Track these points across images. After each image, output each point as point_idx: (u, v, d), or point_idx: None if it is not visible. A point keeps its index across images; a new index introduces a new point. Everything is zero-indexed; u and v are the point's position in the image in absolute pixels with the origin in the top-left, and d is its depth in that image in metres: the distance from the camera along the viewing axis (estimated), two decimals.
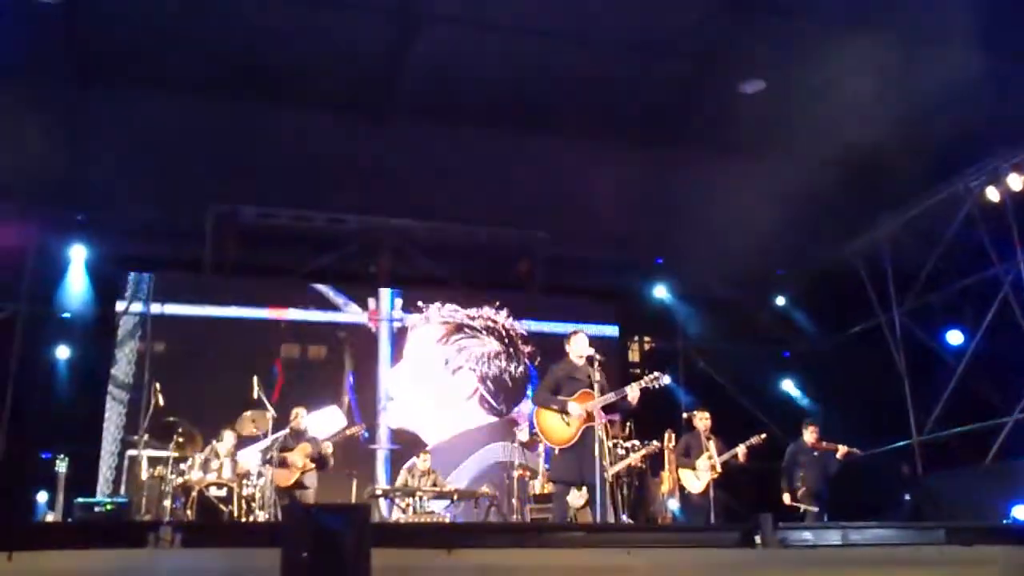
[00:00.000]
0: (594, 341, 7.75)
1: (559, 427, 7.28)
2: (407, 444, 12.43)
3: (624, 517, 9.26)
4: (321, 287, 13.13)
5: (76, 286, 12.44)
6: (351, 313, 13.12)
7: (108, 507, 8.98)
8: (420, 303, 13.31)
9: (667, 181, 12.18)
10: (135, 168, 11.17)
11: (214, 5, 9.66)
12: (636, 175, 12.27)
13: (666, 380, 7.50)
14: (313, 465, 9.56)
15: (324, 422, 11.74)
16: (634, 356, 14.99)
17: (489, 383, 13.26)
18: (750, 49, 10.49)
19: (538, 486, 10.22)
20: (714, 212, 11.79)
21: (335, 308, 13.08)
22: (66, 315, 12.60)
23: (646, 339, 15.19)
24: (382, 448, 12.58)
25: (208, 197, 12.59)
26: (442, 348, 13.27)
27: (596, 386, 7.20)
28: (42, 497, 10.57)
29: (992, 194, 11.63)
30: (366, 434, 11.46)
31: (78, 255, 12.47)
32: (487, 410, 13.13)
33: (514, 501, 10.36)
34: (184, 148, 11.22)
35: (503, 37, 10.30)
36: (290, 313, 12.84)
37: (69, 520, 8.37)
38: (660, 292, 14.68)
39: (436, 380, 13.11)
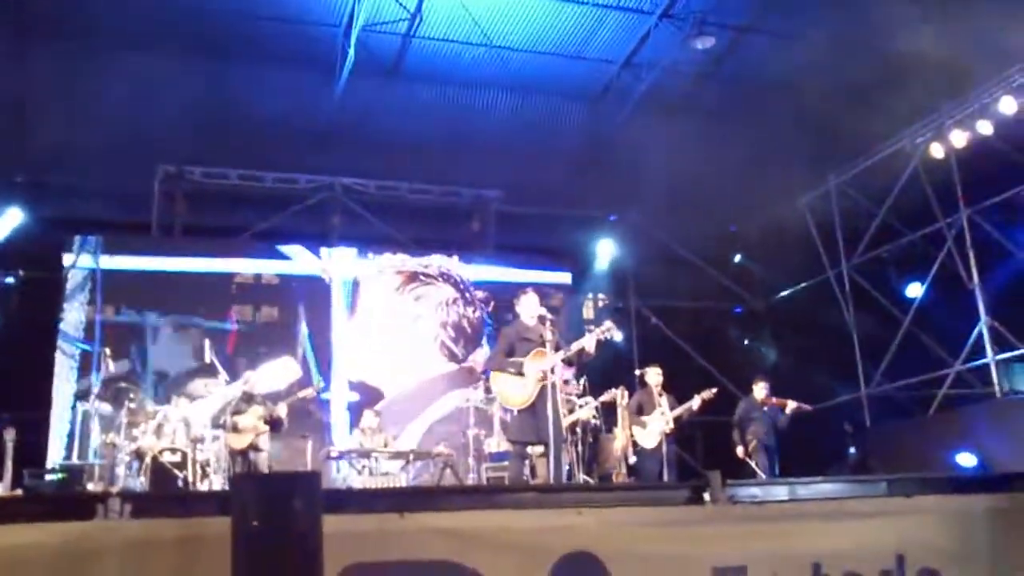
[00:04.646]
0: (549, 288, 7.73)
1: (516, 389, 7.31)
2: (367, 396, 12.38)
3: (580, 473, 9.36)
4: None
5: (15, 248, 12.11)
6: (304, 264, 12.94)
7: (60, 476, 8.88)
8: (370, 255, 13.24)
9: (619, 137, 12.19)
10: (79, 128, 10.89)
11: None
12: (582, 131, 12.26)
13: (619, 336, 7.54)
14: (267, 428, 9.49)
15: (279, 372, 11.59)
16: (588, 313, 15.05)
17: (449, 328, 13.26)
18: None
19: (494, 444, 10.26)
20: (666, 169, 11.82)
21: (288, 259, 12.89)
22: (9, 280, 12.31)
23: (600, 296, 15.25)
24: (339, 399, 12.49)
25: (155, 158, 12.34)
26: (399, 298, 13.23)
27: (548, 345, 7.24)
28: None
29: (936, 150, 11.78)
30: (324, 386, 11.39)
31: (15, 217, 12.08)
32: (447, 356, 13.14)
33: (470, 460, 10.40)
34: (130, 108, 10.95)
35: None
36: (243, 264, 12.63)
37: (18, 492, 8.23)
38: (613, 249, 14.73)
39: (395, 330, 13.05)
